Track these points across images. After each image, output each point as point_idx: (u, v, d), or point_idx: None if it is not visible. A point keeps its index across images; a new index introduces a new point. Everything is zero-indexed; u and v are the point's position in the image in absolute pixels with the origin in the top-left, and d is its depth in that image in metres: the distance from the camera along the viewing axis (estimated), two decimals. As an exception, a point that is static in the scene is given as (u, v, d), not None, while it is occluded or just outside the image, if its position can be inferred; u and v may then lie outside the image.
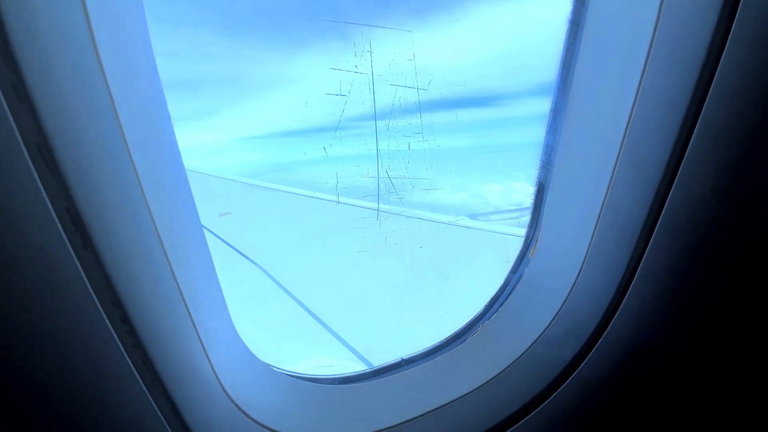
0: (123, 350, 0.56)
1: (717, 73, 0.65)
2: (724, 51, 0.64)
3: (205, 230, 0.89)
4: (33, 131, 0.43)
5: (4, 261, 0.43)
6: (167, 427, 0.67)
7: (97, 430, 0.58)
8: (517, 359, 1.11)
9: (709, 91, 0.67)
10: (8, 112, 0.40)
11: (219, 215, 8.37)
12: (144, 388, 0.61)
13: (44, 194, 0.44)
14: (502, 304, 1.23)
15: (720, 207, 0.73)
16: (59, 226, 0.46)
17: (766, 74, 0.62)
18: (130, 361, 0.57)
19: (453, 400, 1.09)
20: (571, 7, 0.89)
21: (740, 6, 0.61)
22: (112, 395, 0.58)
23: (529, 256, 1.19)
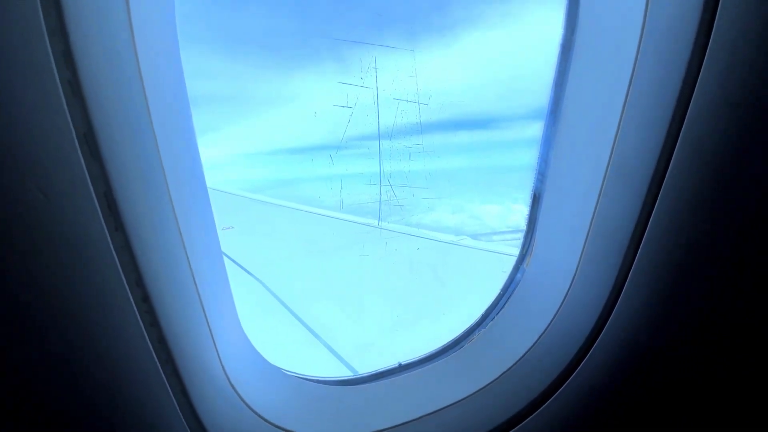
0: (143, 326, 0.61)
1: (695, 92, 0.71)
2: (701, 72, 0.70)
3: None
4: (82, 122, 0.50)
5: (51, 235, 0.49)
6: (176, 406, 0.71)
7: (112, 400, 0.62)
8: (512, 366, 1.13)
9: (688, 110, 0.73)
10: (65, 104, 0.47)
11: (222, 229, 8.41)
12: (158, 365, 0.65)
13: (88, 178, 0.51)
14: (499, 312, 1.27)
15: (702, 217, 0.78)
16: (98, 207, 0.52)
17: (742, 95, 0.67)
18: (147, 338, 0.62)
19: (449, 405, 1.11)
20: (562, 32, 0.97)
21: (713, 33, 0.67)
22: (129, 367, 0.63)
23: (525, 265, 1.23)
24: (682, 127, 0.74)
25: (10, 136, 0.43)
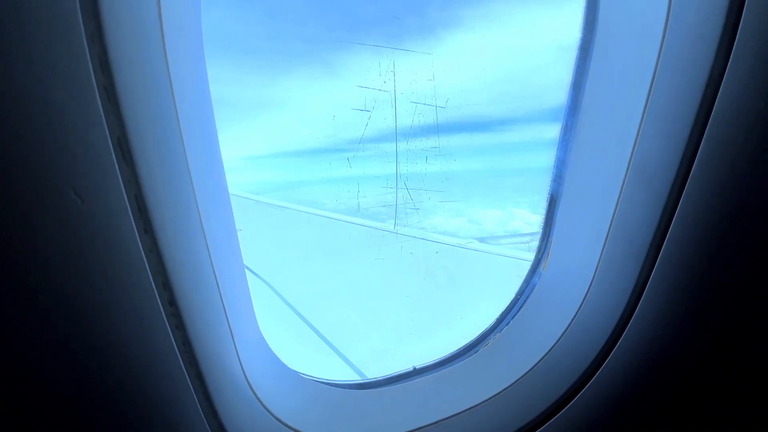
0: (169, 329, 0.62)
1: (719, 94, 0.70)
2: (726, 72, 0.68)
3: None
4: (116, 127, 0.51)
5: (85, 237, 0.50)
6: (199, 407, 0.72)
7: (137, 400, 0.63)
8: (528, 371, 1.12)
9: (713, 111, 0.71)
10: (101, 110, 0.48)
11: (231, 232, 8.42)
12: (183, 367, 0.66)
13: (121, 182, 0.51)
14: (514, 316, 1.26)
15: (724, 221, 0.76)
16: (129, 210, 0.53)
17: (766, 98, 0.66)
18: (173, 340, 0.63)
19: (464, 410, 1.10)
20: (581, 35, 0.96)
21: (738, 32, 0.66)
22: (156, 368, 0.63)
23: (541, 269, 1.22)
24: (705, 129, 0.73)
25: (49, 141, 0.44)
